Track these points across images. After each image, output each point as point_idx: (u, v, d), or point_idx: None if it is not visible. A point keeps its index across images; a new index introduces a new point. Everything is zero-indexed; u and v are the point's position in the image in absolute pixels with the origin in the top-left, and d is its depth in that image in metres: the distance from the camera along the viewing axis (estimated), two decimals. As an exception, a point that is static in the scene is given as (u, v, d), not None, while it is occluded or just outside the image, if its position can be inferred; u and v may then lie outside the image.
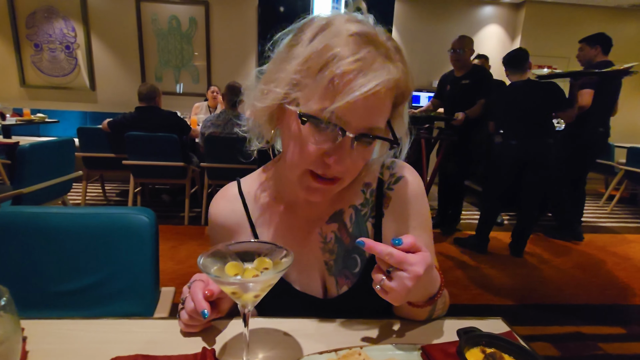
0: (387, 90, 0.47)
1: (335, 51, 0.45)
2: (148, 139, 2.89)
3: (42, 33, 4.56)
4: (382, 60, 0.46)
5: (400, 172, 0.64)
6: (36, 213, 0.80)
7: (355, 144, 0.48)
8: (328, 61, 0.45)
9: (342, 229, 0.62)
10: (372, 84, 0.43)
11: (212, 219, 0.66)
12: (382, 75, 0.44)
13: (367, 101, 0.45)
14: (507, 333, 0.55)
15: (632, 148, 3.91)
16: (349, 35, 0.46)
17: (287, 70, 0.48)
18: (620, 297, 2.22)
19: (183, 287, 0.57)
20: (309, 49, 0.47)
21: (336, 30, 0.46)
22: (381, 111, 0.49)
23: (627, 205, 4.43)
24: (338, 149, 0.48)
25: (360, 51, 0.45)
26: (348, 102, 0.44)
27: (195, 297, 0.51)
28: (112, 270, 0.81)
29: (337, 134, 0.47)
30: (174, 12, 4.70)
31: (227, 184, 0.68)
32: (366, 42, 0.46)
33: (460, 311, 0.54)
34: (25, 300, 0.69)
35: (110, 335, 0.53)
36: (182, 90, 4.92)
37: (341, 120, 0.46)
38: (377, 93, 0.45)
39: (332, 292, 0.62)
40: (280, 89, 0.49)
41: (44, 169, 2.22)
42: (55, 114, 4.45)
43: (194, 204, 3.46)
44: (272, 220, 0.64)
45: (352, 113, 0.46)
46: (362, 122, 0.47)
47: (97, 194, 3.92)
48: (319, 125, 0.47)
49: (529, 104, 2.53)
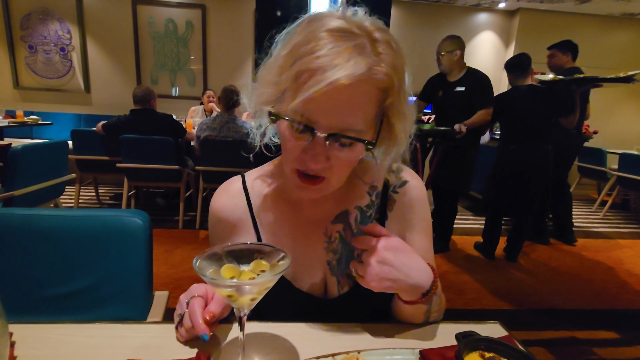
0: (358, 86, 0.44)
1: (304, 48, 0.44)
2: (143, 142, 2.87)
3: (37, 35, 4.53)
4: (349, 54, 0.43)
5: (406, 176, 0.65)
6: (28, 215, 0.79)
7: (330, 144, 0.47)
8: (296, 57, 0.45)
9: (347, 230, 0.62)
10: (330, 79, 0.41)
11: (214, 214, 0.64)
12: (346, 70, 0.42)
13: (335, 98, 0.43)
14: (505, 337, 0.54)
15: (624, 154, 3.96)
16: (323, 32, 0.44)
17: (272, 69, 0.49)
18: (613, 302, 2.24)
19: (180, 296, 0.55)
20: (288, 46, 0.47)
21: (314, 26, 0.46)
22: (356, 109, 0.46)
23: (619, 210, 4.48)
24: (311, 148, 0.47)
25: (326, 46, 0.43)
26: (306, 99, 0.43)
27: (194, 318, 0.49)
28: (105, 274, 0.80)
29: (306, 130, 0.46)
30: (170, 15, 4.70)
31: (231, 178, 0.66)
32: (339, 36, 0.44)
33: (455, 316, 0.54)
34: (15, 304, 0.68)
35: (102, 340, 0.52)
36: (178, 93, 4.91)
37: (309, 119, 0.45)
38: (342, 90, 0.42)
39: (333, 292, 0.62)
40: (267, 89, 0.49)
41: (37, 172, 2.19)
42: (49, 116, 4.41)
43: (188, 208, 3.44)
44: (276, 218, 0.63)
45: (318, 111, 0.45)
46: (332, 121, 0.45)
47: (91, 197, 3.87)
48: (291, 124, 0.47)
49: (532, 109, 2.53)
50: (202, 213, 3.17)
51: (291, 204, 0.63)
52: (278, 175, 0.64)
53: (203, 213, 3.18)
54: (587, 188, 5.21)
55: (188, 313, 0.50)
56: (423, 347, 0.52)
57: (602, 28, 5.17)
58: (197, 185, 3.20)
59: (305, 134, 0.47)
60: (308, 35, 0.45)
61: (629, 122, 5.56)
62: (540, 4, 4.88)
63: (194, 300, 0.51)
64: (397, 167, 0.65)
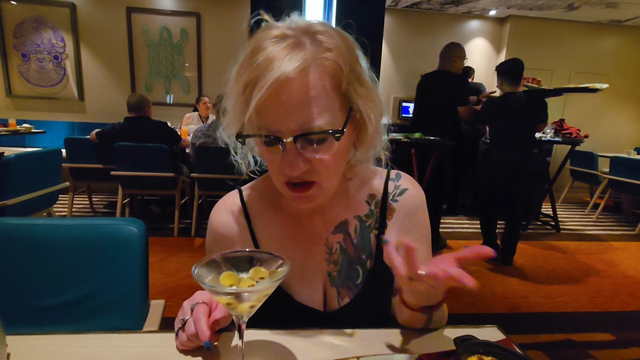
0: (302, 79, 0.43)
1: (240, 62, 0.46)
2: (137, 150, 2.85)
3: (30, 43, 4.51)
4: (284, 55, 0.43)
5: (404, 184, 0.64)
6: (21, 224, 0.78)
7: (302, 146, 0.46)
8: (240, 76, 0.46)
9: (347, 240, 0.62)
10: (268, 83, 0.41)
11: (213, 230, 0.63)
12: (282, 67, 0.41)
13: (283, 101, 0.43)
14: (503, 341, 0.55)
15: (615, 157, 4.02)
16: (261, 43, 0.45)
17: (231, 95, 0.50)
18: (609, 304, 2.25)
19: (183, 302, 0.54)
20: (236, 68, 0.49)
21: (254, 41, 0.47)
22: (309, 104, 0.44)
23: (611, 213, 4.53)
24: (286, 156, 0.47)
25: (262, 55, 0.43)
26: (259, 110, 0.43)
27: (199, 324, 0.48)
28: (100, 283, 0.79)
29: (275, 142, 0.46)
30: (165, 23, 4.71)
31: (228, 193, 0.66)
32: (274, 43, 0.44)
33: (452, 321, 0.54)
34: (9, 315, 0.67)
35: (98, 350, 0.51)
36: (173, 100, 4.90)
37: (270, 129, 0.46)
38: (287, 89, 0.42)
39: (332, 303, 0.62)
40: (233, 116, 0.50)
41: (30, 180, 2.17)
42: (42, 125, 4.37)
43: (183, 215, 3.42)
44: (275, 231, 0.62)
45: (276, 118, 0.44)
46: (293, 123, 0.45)
47: (84, 205, 3.83)
48: (260, 139, 0.47)
49: (527, 115, 2.60)
50: (198, 220, 3.15)
51: (290, 216, 0.62)
52: (273, 188, 0.64)
53: (198, 220, 3.16)
54: (579, 191, 5.27)
55: (192, 319, 0.50)
56: (422, 352, 0.52)
57: (590, 34, 5.28)
58: (192, 192, 3.19)
59: (274, 145, 0.47)
60: (250, 51, 0.46)
61: (619, 125, 5.66)
62: (530, 12, 4.98)
63: (199, 307, 0.50)
64: (396, 175, 0.65)
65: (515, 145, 2.65)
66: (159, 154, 2.88)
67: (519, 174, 2.64)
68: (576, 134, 3.52)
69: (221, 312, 0.51)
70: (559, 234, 3.62)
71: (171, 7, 4.69)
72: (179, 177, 3.07)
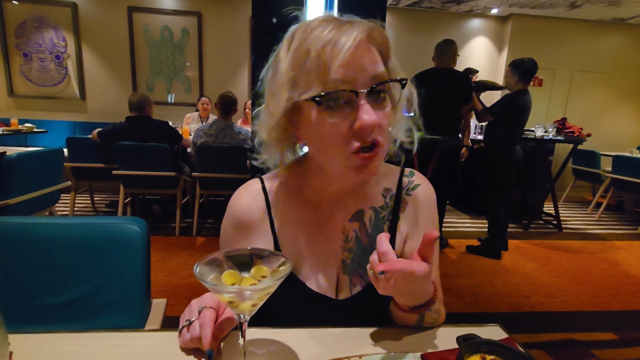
0: (366, 40, 0.50)
1: (311, 37, 0.49)
2: (139, 149, 2.86)
3: (32, 43, 4.52)
4: (348, 24, 0.49)
5: (417, 180, 0.68)
6: (23, 224, 0.78)
7: (370, 99, 0.50)
8: (308, 47, 0.49)
9: (362, 229, 0.64)
10: (351, 39, 0.47)
11: (233, 214, 0.64)
12: (355, 29, 0.48)
13: (357, 56, 0.48)
14: (506, 339, 0.54)
15: (617, 156, 4.01)
16: (317, 23, 0.50)
17: (282, 74, 0.51)
18: (611, 303, 2.25)
19: (192, 300, 0.54)
20: (291, 50, 0.51)
21: (306, 25, 0.52)
22: (373, 59, 0.51)
23: (614, 212, 4.52)
24: (360, 110, 0.49)
25: (328, 26, 0.49)
26: (342, 64, 0.47)
27: (204, 330, 0.48)
28: (102, 282, 0.79)
29: (352, 98, 0.49)
30: (166, 23, 4.71)
31: (249, 180, 0.68)
32: (332, 19, 0.51)
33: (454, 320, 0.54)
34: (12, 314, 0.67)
35: (100, 349, 0.51)
36: (174, 100, 4.91)
37: (346, 82, 0.48)
38: (360, 44, 0.48)
39: (344, 291, 0.63)
40: (282, 95, 0.51)
41: (31, 180, 2.17)
42: (44, 124, 4.38)
43: (185, 215, 3.42)
44: (294, 218, 0.64)
45: (351, 72, 0.48)
46: (364, 74, 0.49)
47: (86, 204, 3.84)
48: (333, 100, 0.49)
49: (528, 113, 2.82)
50: (199, 219, 3.16)
51: (309, 203, 0.64)
52: (295, 177, 0.65)
53: (200, 219, 3.16)
54: (581, 190, 5.26)
55: (199, 322, 0.49)
56: (424, 351, 0.52)
57: (593, 33, 5.25)
58: (194, 191, 3.19)
59: (349, 101, 0.49)
60: (306, 31, 0.50)
61: (622, 124, 5.64)
62: (531, 10, 4.96)
63: (206, 311, 0.50)
64: (410, 172, 0.68)
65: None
66: (161, 153, 2.89)
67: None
68: (578, 132, 3.51)
69: (228, 325, 0.52)
70: (561, 233, 3.61)
71: (172, 6, 4.69)
72: (181, 176, 3.07)
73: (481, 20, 5.28)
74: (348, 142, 0.50)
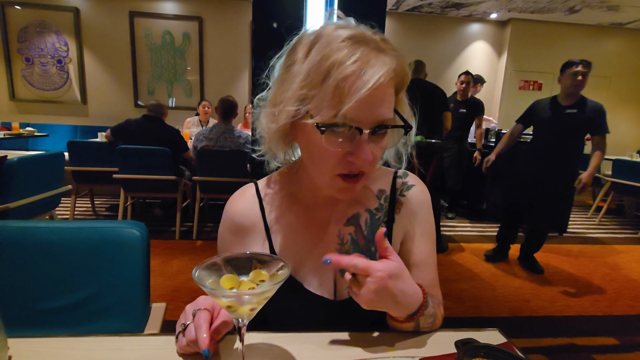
0: (388, 80, 0.49)
1: (333, 59, 0.47)
2: (139, 153, 2.87)
3: (34, 47, 4.56)
4: (375, 55, 0.48)
5: (411, 181, 0.68)
6: (24, 227, 0.78)
7: (372, 138, 0.50)
8: (329, 69, 0.47)
9: (358, 232, 0.65)
10: (374, 79, 0.46)
11: (229, 218, 0.65)
12: (380, 68, 0.47)
13: (373, 96, 0.47)
14: (505, 344, 0.54)
15: (617, 160, 4.01)
16: (341, 41, 0.48)
17: (292, 88, 0.50)
18: (612, 308, 2.24)
19: (186, 305, 0.54)
20: (308, 63, 0.49)
21: (328, 40, 0.49)
22: (387, 101, 0.51)
23: (614, 216, 4.51)
24: (358, 147, 0.50)
25: (355, 52, 0.47)
26: (357, 101, 0.46)
27: (199, 332, 0.48)
28: (102, 286, 0.79)
29: (355, 133, 0.49)
30: (167, 27, 4.75)
31: (244, 185, 0.68)
32: (358, 42, 0.49)
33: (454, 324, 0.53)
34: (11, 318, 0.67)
35: (99, 353, 0.52)
36: (175, 104, 4.93)
37: (354, 120, 0.48)
38: (380, 86, 0.47)
39: (342, 293, 0.63)
40: (290, 107, 0.51)
41: (32, 183, 2.18)
42: (45, 128, 4.40)
43: (185, 218, 3.42)
44: (289, 221, 0.64)
45: (362, 111, 0.48)
46: (373, 116, 0.49)
47: (86, 208, 3.85)
48: (337, 130, 0.49)
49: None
50: (199, 223, 3.16)
51: (305, 208, 0.65)
52: (289, 181, 0.66)
53: (200, 223, 3.16)
54: (582, 194, 5.25)
55: (193, 325, 0.50)
56: (422, 355, 0.52)
57: (591, 37, 5.28)
58: (194, 195, 3.19)
59: (350, 135, 0.49)
60: (328, 47, 0.48)
61: (622, 128, 5.64)
62: (530, 14, 4.99)
63: (201, 313, 0.50)
64: (403, 173, 0.69)
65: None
66: (161, 157, 2.89)
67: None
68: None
69: (224, 325, 0.52)
70: (562, 237, 3.60)
71: (173, 11, 4.73)
72: (181, 180, 3.08)
73: (480, 25, 5.31)
74: (337, 166, 0.52)
